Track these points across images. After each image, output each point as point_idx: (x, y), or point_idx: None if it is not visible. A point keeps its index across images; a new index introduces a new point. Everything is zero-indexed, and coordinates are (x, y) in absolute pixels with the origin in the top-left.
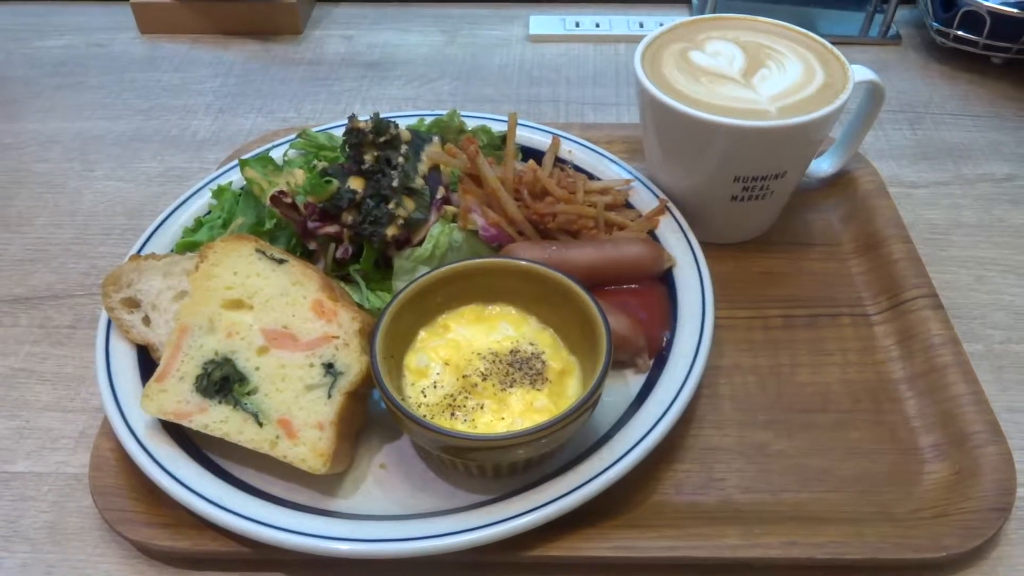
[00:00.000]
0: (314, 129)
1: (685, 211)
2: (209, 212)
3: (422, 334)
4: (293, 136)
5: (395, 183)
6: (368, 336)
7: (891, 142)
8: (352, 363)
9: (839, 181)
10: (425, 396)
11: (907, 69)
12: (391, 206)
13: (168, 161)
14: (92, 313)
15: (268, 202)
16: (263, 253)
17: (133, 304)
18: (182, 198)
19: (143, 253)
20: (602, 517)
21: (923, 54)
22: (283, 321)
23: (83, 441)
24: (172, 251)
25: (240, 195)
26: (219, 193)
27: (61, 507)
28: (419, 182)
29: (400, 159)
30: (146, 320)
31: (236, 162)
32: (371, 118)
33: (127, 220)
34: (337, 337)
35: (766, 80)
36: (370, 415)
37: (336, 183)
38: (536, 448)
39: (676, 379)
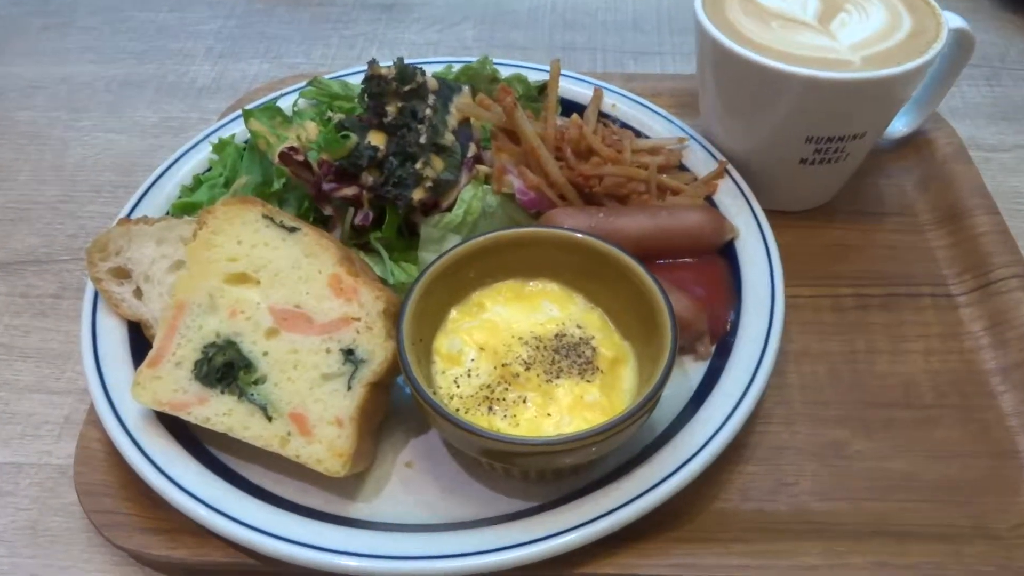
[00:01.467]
0: (327, 76)
1: (745, 175)
2: (209, 169)
3: (453, 314)
4: (303, 84)
5: (422, 139)
6: (393, 318)
7: (966, 100)
8: (376, 349)
9: (912, 142)
10: (458, 386)
11: (980, 19)
12: (418, 166)
13: (164, 110)
14: (79, 281)
15: (276, 159)
16: (271, 219)
17: (123, 274)
18: (179, 152)
19: (134, 216)
20: (659, 528)
21: (997, 1)
22: (295, 299)
23: (69, 428)
24: (168, 213)
25: (244, 150)
26: (220, 147)
27: (44, 504)
28: (449, 138)
29: (427, 111)
30: (138, 293)
31: (239, 112)
32: (394, 64)
33: (118, 176)
34: (358, 319)
35: (846, 26)
36: (393, 403)
37: (354, 138)
38: (588, 454)
39: (744, 369)
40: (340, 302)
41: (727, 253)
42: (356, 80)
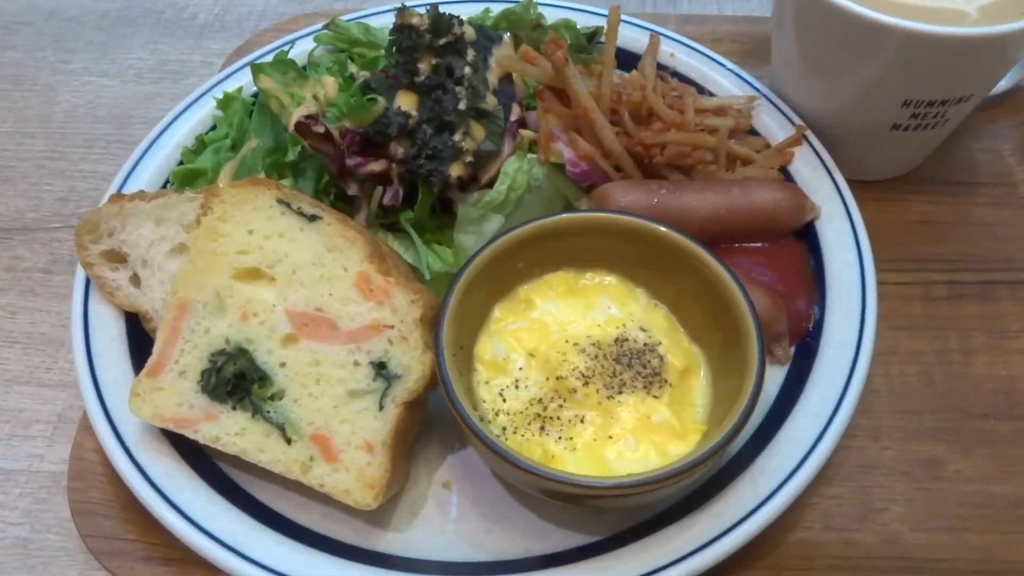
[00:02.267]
0: (345, 18)
1: (823, 140)
2: (214, 127)
3: (497, 312)
4: (318, 27)
5: (461, 104)
6: (432, 323)
7: None
8: (412, 364)
9: (1009, 99)
10: (504, 400)
11: None
12: (456, 137)
13: (162, 51)
14: (71, 252)
15: (291, 127)
16: (287, 205)
17: (117, 258)
18: (179, 108)
19: (129, 185)
20: (731, 560)
21: None
22: (316, 301)
23: (63, 428)
24: (167, 183)
25: (253, 106)
26: (225, 103)
27: (36, 519)
28: (490, 101)
29: (466, 69)
30: (135, 279)
31: (246, 60)
32: (428, 11)
33: (113, 129)
34: (391, 327)
35: None
36: (428, 414)
37: (381, 102)
38: (660, 495)
39: (831, 381)
40: (369, 306)
41: (806, 235)
42: (379, 22)
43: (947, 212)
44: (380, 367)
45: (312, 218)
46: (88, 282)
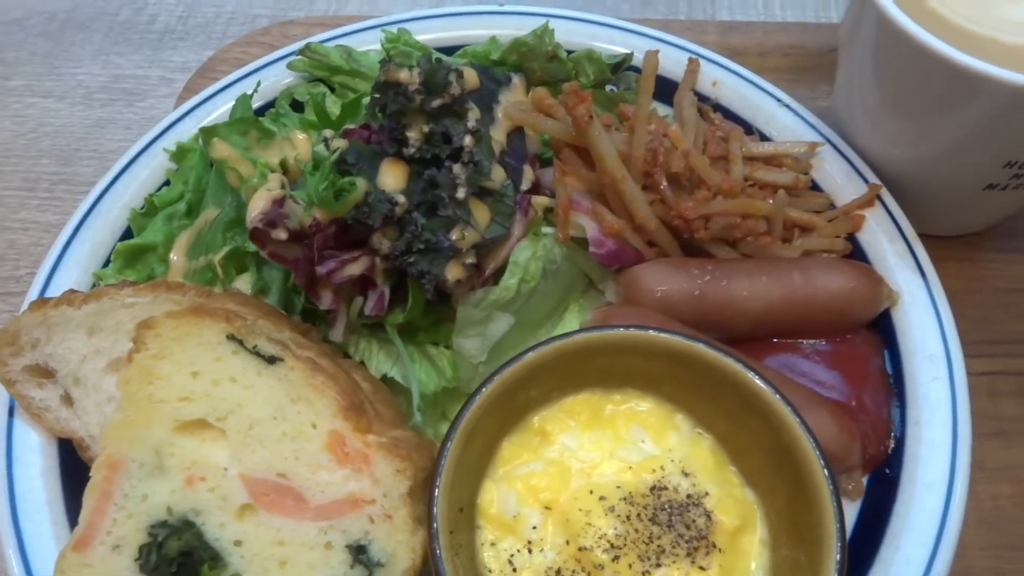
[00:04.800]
0: (323, 38)
1: (897, 193)
2: (167, 183)
3: (506, 448)
4: (292, 49)
5: (460, 192)
6: (424, 487)
7: None
8: (398, 550)
9: None
10: (515, 570)
11: None
12: (454, 235)
13: (115, 64)
14: None
15: (250, 227)
16: (240, 343)
17: (44, 374)
18: (125, 159)
19: (61, 269)
20: None
21: None
22: (279, 465)
23: None
24: (107, 263)
25: (212, 162)
26: (179, 156)
27: None
28: (497, 175)
29: (467, 139)
30: (67, 399)
31: (213, 89)
32: (419, 63)
33: (58, 165)
34: (372, 502)
35: None
36: None
37: (361, 185)
38: None
39: (921, 530)
40: (344, 474)
41: (880, 326)
42: (364, 41)
43: None
44: (359, 551)
45: (271, 360)
46: (12, 404)
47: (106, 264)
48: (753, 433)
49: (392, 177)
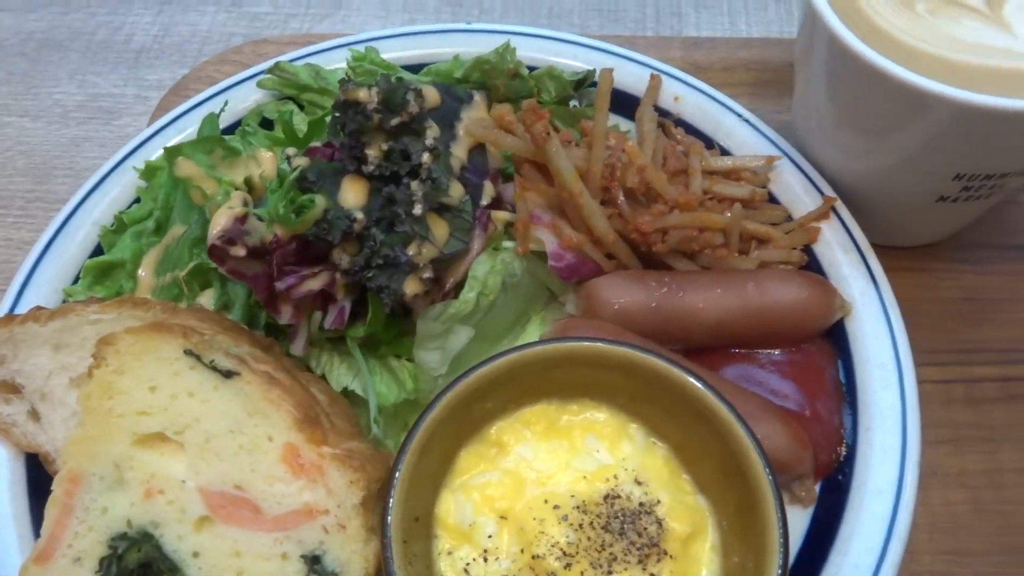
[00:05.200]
0: (292, 56)
1: (853, 206)
2: (138, 201)
3: (463, 459)
4: (262, 68)
5: (417, 208)
6: (379, 497)
7: None
8: (351, 559)
9: None
10: None
11: None
12: (411, 251)
13: (92, 83)
14: None
15: (208, 244)
16: (198, 358)
17: (11, 390)
18: (95, 178)
19: (32, 285)
20: None
21: None
22: (236, 477)
23: None
24: (76, 280)
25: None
26: (148, 174)
27: None
28: (455, 191)
29: (425, 156)
30: (33, 414)
31: (184, 107)
32: (378, 83)
33: (33, 183)
34: (326, 512)
35: None
36: None
37: (320, 202)
38: None
39: (869, 535)
40: (299, 485)
41: (834, 336)
42: (332, 59)
43: (999, 285)
44: (314, 561)
45: (228, 374)
46: None
47: (76, 281)
48: (704, 442)
49: (353, 194)
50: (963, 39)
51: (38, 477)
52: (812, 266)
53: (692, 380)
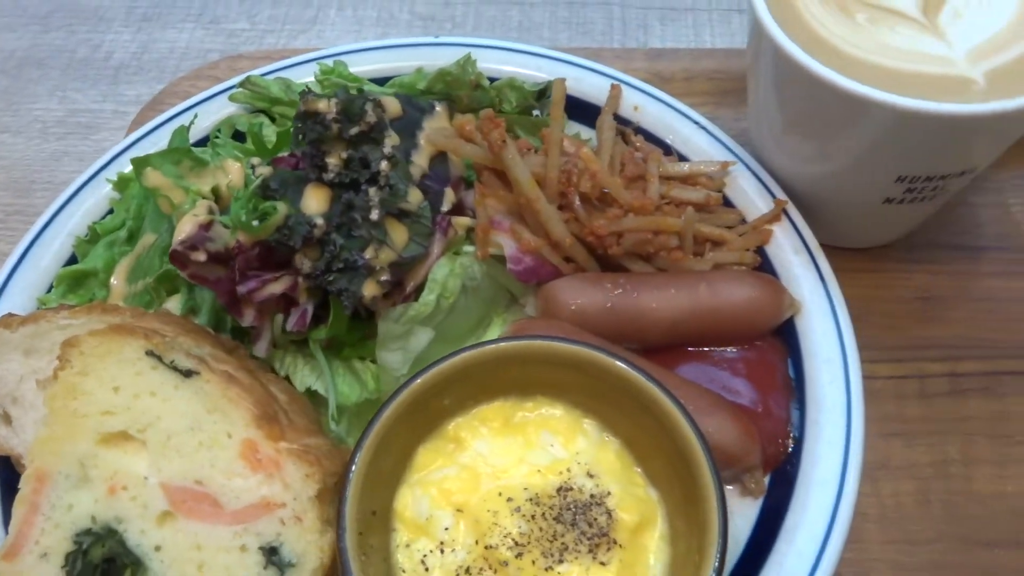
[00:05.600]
0: (264, 71)
1: (806, 209)
2: (111, 212)
3: (421, 455)
4: (235, 82)
5: (374, 213)
6: (333, 493)
7: None
8: (308, 549)
9: (1017, 144)
10: (427, 569)
11: None
12: (368, 253)
13: (72, 99)
14: None
15: (171, 250)
16: (159, 358)
17: None
18: (70, 191)
19: (7, 294)
20: None
21: None
22: (196, 473)
23: None
24: (49, 289)
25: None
26: (122, 185)
27: None
28: (414, 197)
29: (383, 164)
30: (5, 418)
31: (155, 124)
32: (336, 95)
33: (13, 197)
34: (283, 505)
35: (961, 19)
36: None
37: (282, 209)
38: None
39: (813, 524)
40: (257, 480)
41: (785, 333)
42: (302, 73)
43: (948, 285)
44: (271, 553)
45: (188, 373)
46: None
47: (50, 290)
48: (653, 436)
49: (315, 201)
50: (900, 47)
51: (9, 478)
52: (764, 267)
53: (640, 376)
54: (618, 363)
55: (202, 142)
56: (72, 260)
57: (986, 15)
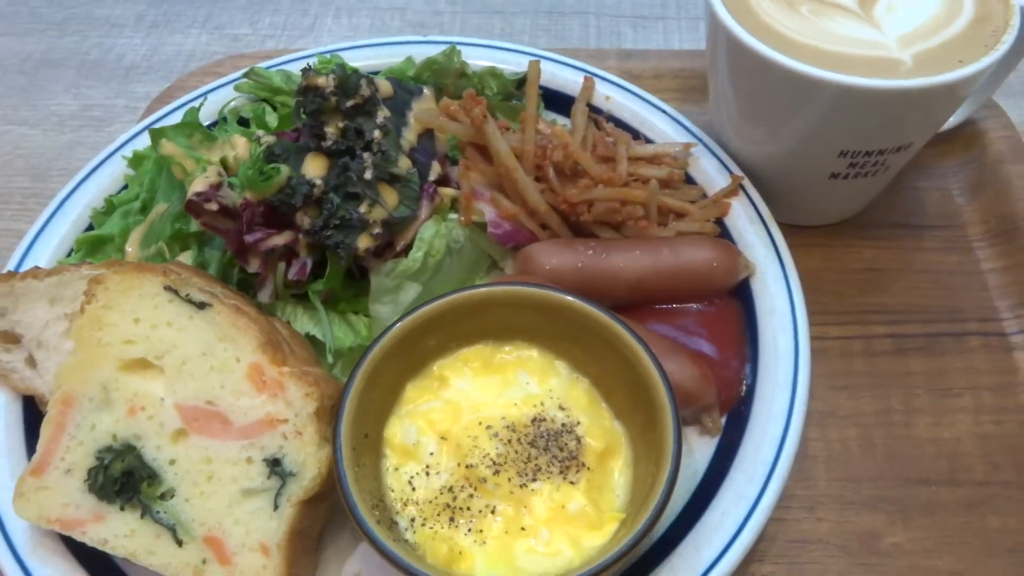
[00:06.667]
0: (266, 64)
1: (761, 188)
2: (126, 187)
3: (409, 391)
4: (240, 75)
5: (367, 174)
6: (331, 414)
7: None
8: (307, 460)
9: (960, 134)
10: (414, 488)
11: None
12: (363, 208)
13: (85, 96)
14: None
15: (186, 199)
16: (175, 292)
17: (11, 339)
18: (88, 168)
19: (32, 257)
20: None
21: None
22: (207, 394)
23: None
24: (70, 252)
25: (164, 166)
26: (136, 161)
27: None
28: (403, 164)
29: (376, 133)
30: (31, 361)
31: (164, 113)
32: (334, 71)
33: (31, 182)
34: (285, 421)
35: (894, 11)
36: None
37: (284, 172)
38: None
39: (762, 456)
40: (263, 399)
41: (741, 293)
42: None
43: (893, 258)
44: (274, 464)
45: (201, 305)
46: None
47: (69, 254)
48: (618, 372)
49: (313, 166)
50: (839, 34)
51: (34, 418)
52: (723, 236)
53: (602, 314)
54: (585, 304)
55: (210, 127)
56: (90, 229)
57: (915, 7)
